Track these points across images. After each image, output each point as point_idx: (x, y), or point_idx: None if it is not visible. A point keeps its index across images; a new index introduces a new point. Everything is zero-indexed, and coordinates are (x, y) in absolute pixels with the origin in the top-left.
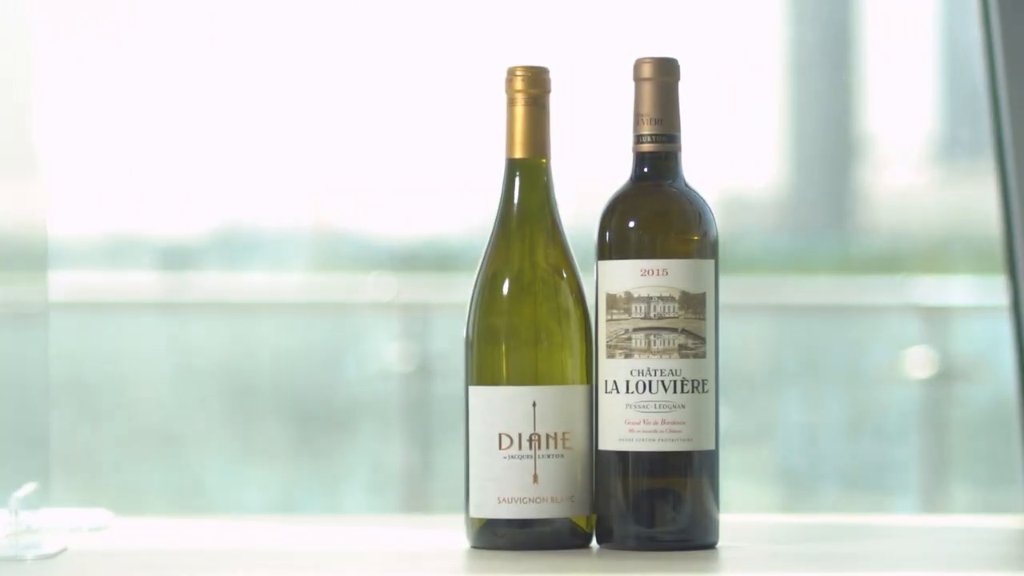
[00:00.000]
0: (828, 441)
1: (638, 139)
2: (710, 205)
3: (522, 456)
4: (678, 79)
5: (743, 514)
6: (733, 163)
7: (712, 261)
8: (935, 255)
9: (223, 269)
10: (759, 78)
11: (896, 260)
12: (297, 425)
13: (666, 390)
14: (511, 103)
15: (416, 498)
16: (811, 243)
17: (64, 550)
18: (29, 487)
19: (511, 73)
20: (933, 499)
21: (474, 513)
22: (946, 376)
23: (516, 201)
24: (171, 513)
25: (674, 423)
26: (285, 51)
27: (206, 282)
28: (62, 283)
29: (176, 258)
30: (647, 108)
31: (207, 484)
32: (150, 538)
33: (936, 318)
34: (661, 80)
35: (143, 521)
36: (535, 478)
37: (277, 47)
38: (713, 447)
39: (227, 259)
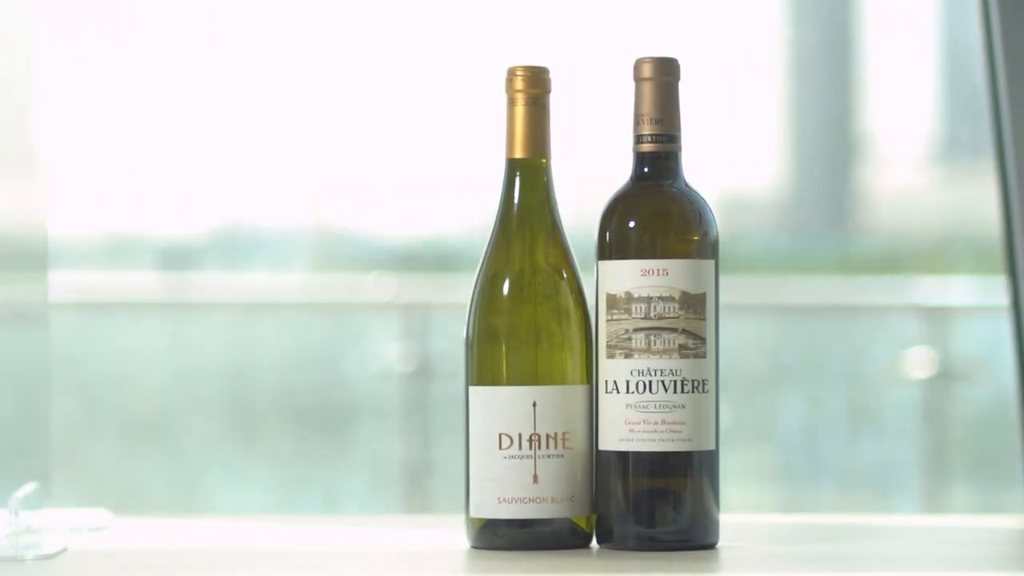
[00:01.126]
0: (828, 441)
1: (638, 139)
2: (710, 205)
3: (522, 456)
4: (678, 79)
5: (743, 514)
6: (733, 163)
7: (712, 261)
8: (935, 255)
9: (223, 269)
10: (759, 78)
11: (896, 260)
12: (297, 425)
13: (666, 390)
14: (511, 103)
15: (416, 498)
16: (811, 243)
17: (64, 550)
18: (29, 487)
19: (511, 73)
20: (933, 500)
21: (474, 513)
22: (946, 376)
23: (516, 201)
24: (171, 513)
25: (674, 423)
26: (285, 51)
27: (206, 282)
28: (62, 283)
29: (176, 258)
30: (647, 108)
31: (207, 484)
32: (150, 538)
33: (936, 318)
34: (661, 80)
35: (143, 521)
36: (535, 478)
37: (277, 47)
38: (713, 447)
39: (227, 259)
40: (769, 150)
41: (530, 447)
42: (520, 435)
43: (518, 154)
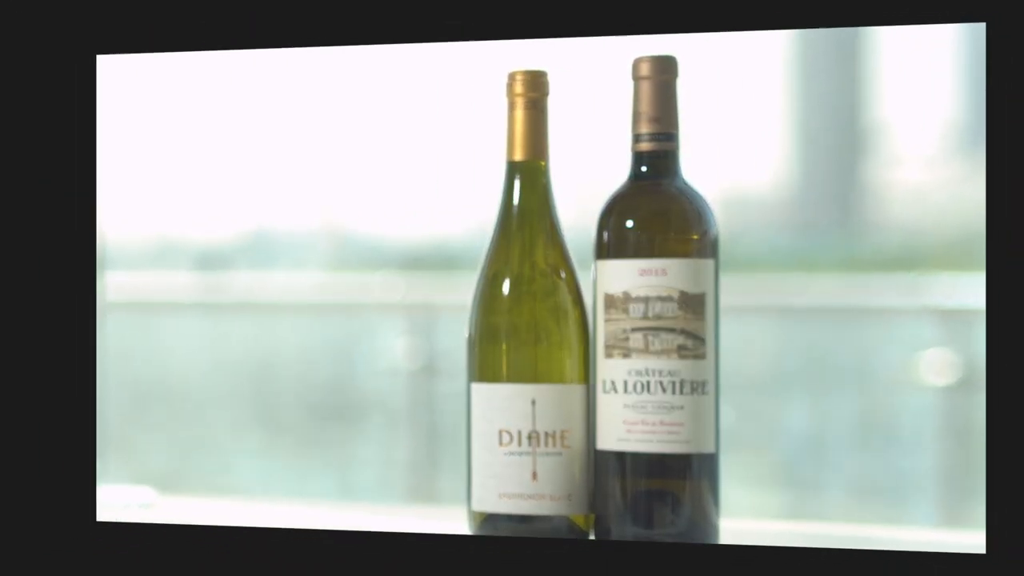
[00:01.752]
0: (837, 448)
1: (636, 138)
2: (711, 202)
3: (521, 453)
4: (676, 77)
5: (745, 519)
6: (737, 158)
7: (712, 261)
8: (954, 253)
9: (249, 271)
10: (764, 68)
11: (909, 258)
12: (314, 417)
13: (664, 391)
14: (511, 106)
15: (421, 489)
16: (817, 241)
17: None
18: None
19: (511, 77)
20: (953, 512)
21: (475, 507)
22: (968, 382)
23: (516, 203)
24: (202, 493)
25: (673, 424)
26: (304, 79)
27: (234, 283)
28: (111, 284)
29: (210, 261)
30: (645, 106)
31: (234, 466)
32: (191, 515)
33: (957, 320)
34: (659, 78)
35: (183, 499)
36: (534, 475)
37: (296, 77)
38: (713, 450)
39: (252, 262)
40: (773, 144)
41: (529, 444)
42: (520, 432)
43: (518, 157)
